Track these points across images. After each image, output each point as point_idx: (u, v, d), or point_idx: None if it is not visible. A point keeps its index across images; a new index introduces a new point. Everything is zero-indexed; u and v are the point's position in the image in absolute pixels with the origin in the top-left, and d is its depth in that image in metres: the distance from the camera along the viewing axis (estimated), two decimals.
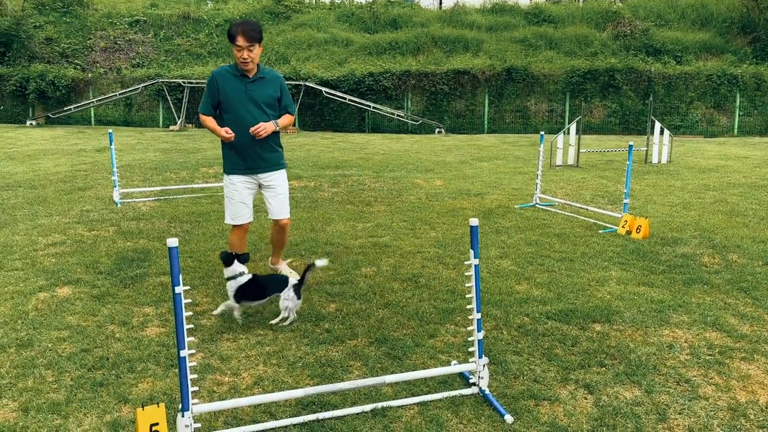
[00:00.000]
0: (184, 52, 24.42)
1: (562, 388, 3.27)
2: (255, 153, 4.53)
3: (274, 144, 4.64)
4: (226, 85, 4.43)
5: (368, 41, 23.70)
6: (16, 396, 3.17)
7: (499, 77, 20.91)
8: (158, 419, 2.63)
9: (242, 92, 4.41)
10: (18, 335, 3.89)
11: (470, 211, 7.61)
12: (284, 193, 4.77)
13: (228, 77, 4.44)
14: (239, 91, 4.42)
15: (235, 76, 4.43)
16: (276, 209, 4.78)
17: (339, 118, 21.35)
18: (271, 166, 4.65)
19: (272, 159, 4.64)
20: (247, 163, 4.56)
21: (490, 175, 10.56)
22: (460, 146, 15.37)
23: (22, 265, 5.34)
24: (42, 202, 8.10)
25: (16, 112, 23.44)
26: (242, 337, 3.91)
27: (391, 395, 3.19)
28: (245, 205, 4.70)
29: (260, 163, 4.59)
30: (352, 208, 7.81)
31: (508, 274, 5.13)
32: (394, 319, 4.18)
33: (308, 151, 14.15)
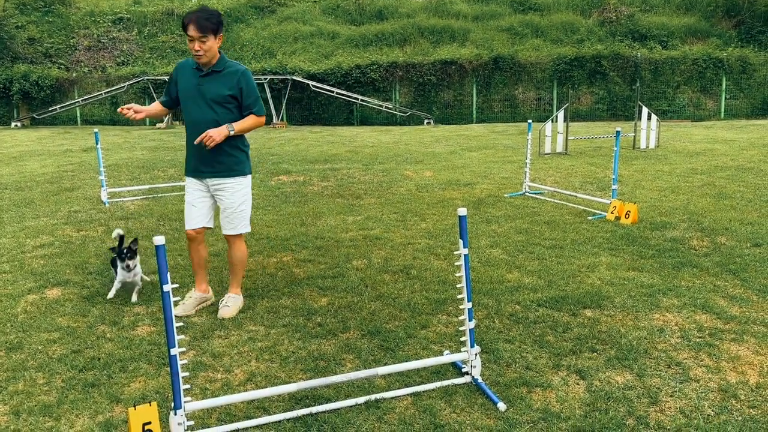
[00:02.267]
0: (169, 49, 24.24)
1: (554, 375, 3.28)
2: (202, 155, 4.02)
3: (226, 146, 4.00)
4: (182, 77, 4.07)
5: (354, 33, 23.62)
6: (7, 399, 3.14)
7: (486, 66, 20.91)
8: (151, 418, 2.62)
9: (194, 87, 4.01)
10: (7, 338, 3.86)
11: (460, 201, 7.62)
12: (231, 206, 4.13)
13: (187, 69, 4.07)
14: (191, 86, 4.02)
15: (194, 69, 4.03)
16: (222, 221, 4.22)
17: (327, 111, 21.29)
18: (220, 172, 4.07)
19: (223, 164, 4.05)
20: (195, 165, 4.11)
21: (480, 164, 10.57)
22: (449, 137, 15.38)
23: (9, 268, 5.29)
24: (29, 203, 8.03)
25: (0, 114, 23.22)
26: (234, 334, 3.90)
27: (384, 387, 3.19)
28: (194, 208, 4.17)
29: (207, 167, 4.06)
30: (342, 202, 7.79)
31: (498, 262, 5.14)
32: (386, 311, 4.18)
33: (297, 145, 14.11)
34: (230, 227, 4.20)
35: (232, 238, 4.25)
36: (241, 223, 4.21)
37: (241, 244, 4.30)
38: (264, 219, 6.94)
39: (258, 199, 8.03)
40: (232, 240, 4.27)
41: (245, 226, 4.24)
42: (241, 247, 4.30)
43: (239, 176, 4.12)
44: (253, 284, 4.77)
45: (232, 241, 4.27)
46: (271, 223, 6.72)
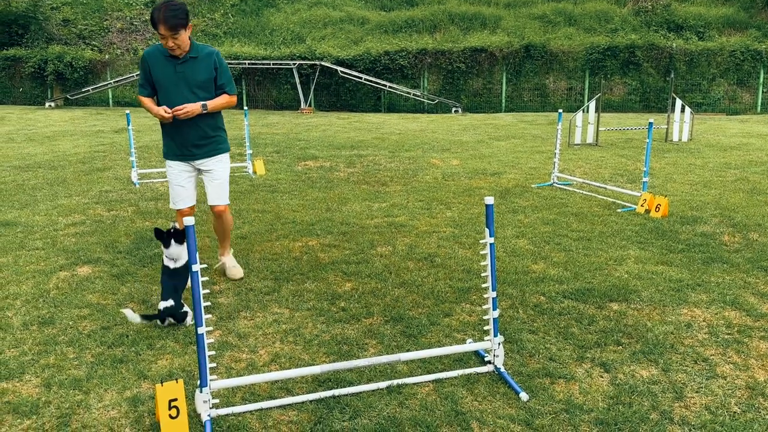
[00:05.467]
0: (200, 32, 24.41)
1: (577, 367, 3.26)
2: (187, 140, 4.20)
3: (209, 128, 4.23)
4: (155, 66, 4.10)
5: (384, 19, 23.49)
6: (39, 372, 3.23)
7: (517, 55, 20.64)
8: (177, 395, 2.67)
9: (172, 74, 4.07)
10: (39, 313, 3.97)
11: (487, 190, 7.57)
12: (221, 179, 4.39)
13: (158, 57, 4.10)
14: (169, 73, 4.07)
15: (166, 57, 4.08)
16: (212, 195, 4.43)
17: (355, 97, 21.26)
18: (207, 153, 4.29)
19: (208, 145, 4.27)
20: (181, 150, 4.26)
21: (507, 154, 10.47)
22: (476, 125, 15.25)
23: (43, 245, 5.42)
24: (62, 182, 8.20)
25: (35, 94, 23.69)
26: (259, 316, 3.95)
27: (406, 373, 3.20)
28: (183, 188, 4.37)
29: (194, 150, 4.25)
30: (367, 188, 7.80)
31: (524, 253, 5.11)
32: (410, 298, 4.19)
33: (324, 131, 14.14)
34: (221, 198, 4.46)
35: (224, 209, 4.52)
36: (227, 194, 4.51)
37: (228, 213, 4.63)
38: (290, 203, 6.99)
39: (285, 184, 8.09)
40: (220, 210, 4.51)
41: (228, 197, 4.55)
42: (229, 216, 4.65)
43: (224, 153, 4.43)
44: (278, 267, 4.82)
45: (223, 212, 4.52)
46: (297, 208, 6.76)
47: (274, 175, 8.68)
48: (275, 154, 10.48)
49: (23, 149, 11.43)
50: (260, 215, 6.45)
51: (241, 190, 7.69)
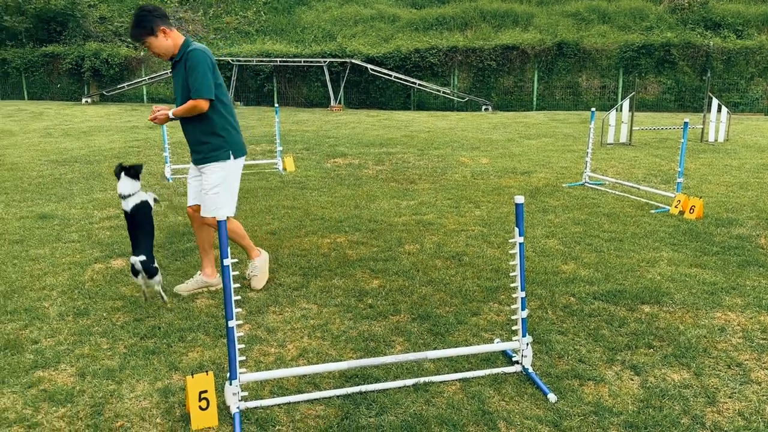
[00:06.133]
0: (233, 30, 24.69)
1: (607, 369, 3.22)
2: (189, 143, 4.16)
3: (201, 134, 4.04)
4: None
5: (415, 17, 23.44)
6: (74, 362, 3.32)
7: (549, 52, 20.40)
8: (207, 387, 2.71)
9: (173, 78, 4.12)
10: (75, 304, 4.07)
11: (516, 189, 7.51)
12: (205, 188, 4.10)
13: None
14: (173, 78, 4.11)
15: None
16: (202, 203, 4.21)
17: (384, 95, 21.26)
18: (199, 159, 4.11)
19: (200, 152, 4.08)
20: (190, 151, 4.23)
21: (538, 153, 10.37)
22: (507, 124, 15.13)
23: (78, 237, 5.55)
24: (97, 177, 8.38)
25: (72, 90, 24.24)
26: (288, 311, 3.99)
27: (433, 371, 3.20)
28: (191, 186, 4.30)
29: (193, 154, 4.16)
30: (396, 186, 7.80)
31: (554, 253, 5.05)
32: (437, 296, 4.18)
33: (353, 128, 14.17)
34: (203, 210, 4.14)
35: (211, 222, 4.15)
36: (214, 206, 4.07)
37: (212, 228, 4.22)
38: (319, 200, 7.03)
39: (314, 181, 8.14)
40: (209, 223, 4.18)
41: (218, 210, 4.06)
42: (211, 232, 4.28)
43: (214, 162, 4.05)
44: (307, 263, 4.86)
45: (210, 224, 4.18)
46: (326, 205, 6.80)
47: (303, 172, 8.74)
48: (305, 151, 10.55)
49: (60, 144, 11.71)
50: (289, 212, 6.51)
51: (271, 187, 7.77)
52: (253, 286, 4.31)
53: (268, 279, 4.48)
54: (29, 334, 3.64)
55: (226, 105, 4.09)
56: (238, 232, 4.30)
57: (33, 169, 8.97)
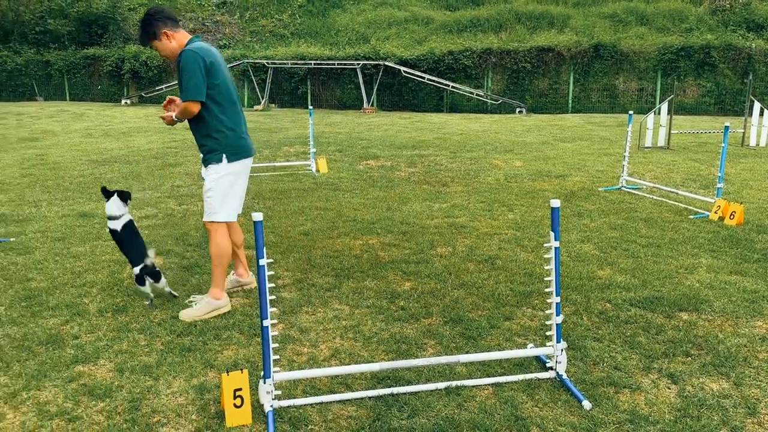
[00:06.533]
0: (269, 33, 24.97)
1: (644, 377, 3.16)
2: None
3: (199, 135, 3.96)
4: None
5: (449, 19, 23.36)
6: (113, 357, 3.40)
7: (585, 54, 20.11)
8: (242, 385, 2.75)
9: None
10: (114, 301, 4.17)
11: (551, 193, 7.43)
12: (205, 191, 3.97)
13: None
14: None
15: None
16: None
17: (417, 97, 21.24)
18: (203, 161, 4.02)
19: (203, 154, 4.00)
20: None
21: (573, 156, 10.23)
22: (541, 126, 14.97)
23: None
24: (136, 177, 8.57)
25: (112, 92, 24.81)
26: (320, 311, 4.01)
27: (465, 375, 3.19)
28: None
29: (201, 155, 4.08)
30: (428, 188, 7.79)
31: (589, 258, 4.98)
32: (470, 300, 4.16)
33: (386, 131, 14.20)
34: (205, 213, 4.00)
35: (207, 225, 4.00)
36: (209, 209, 3.94)
37: (215, 235, 3.96)
38: (352, 202, 7.06)
39: (346, 183, 8.18)
40: (207, 228, 4.01)
41: (214, 214, 3.93)
42: (215, 239, 3.96)
43: (211, 163, 3.93)
44: (339, 264, 4.88)
45: (207, 229, 4.01)
46: (359, 206, 6.83)
47: (336, 174, 8.79)
48: (338, 153, 10.60)
49: (100, 144, 12.01)
50: (322, 213, 6.55)
51: (304, 188, 7.83)
52: (181, 314, 3.89)
53: (299, 280, 4.52)
54: (70, 329, 3.74)
55: (222, 106, 3.87)
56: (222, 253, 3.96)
57: (74, 169, 9.22)
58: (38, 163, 9.83)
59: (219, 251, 3.96)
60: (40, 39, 25.89)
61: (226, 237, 4.00)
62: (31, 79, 25.54)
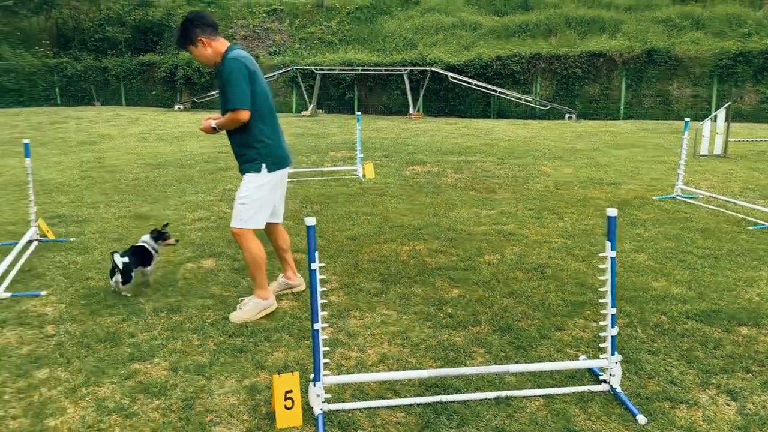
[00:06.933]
0: (317, 40, 25.29)
1: (701, 393, 3.05)
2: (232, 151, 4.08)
3: (236, 145, 3.96)
4: None
5: (497, 24, 23.20)
6: (167, 356, 3.49)
7: (638, 60, 19.64)
8: (292, 387, 2.78)
9: None
10: (168, 301, 4.28)
11: (603, 201, 7.27)
12: (237, 198, 3.96)
13: None
14: None
15: None
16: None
17: (464, 103, 21.14)
18: (240, 170, 4.02)
19: (240, 163, 3.99)
20: None
21: (626, 163, 9.99)
22: (592, 132, 14.68)
23: None
24: (189, 180, 8.79)
25: (166, 97, 25.53)
26: (368, 316, 4.03)
27: (515, 385, 3.14)
28: None
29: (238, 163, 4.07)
30: (475, 195, 7.74)
31: (644, 269, 4.85)
32: (519, 309, 4.11)
33: (432, 136, 14.17)
34: (234, 219, 3.98)
35: (235, 232, 3.98)
36: (240, 216, 3.92)
37: (245, 241, 3.96)
38: (398, 207, 7.07)
39: (393, 188, 8.20)
40: (235, 234, 4.00)
41: (244, 221, 3.92)
42: (246, 245, 3.97)
43: (248, 173, 3.93)
44: (386, 270, 4.89)
45: (236, 235, 4.00)
46: (405, 212, 6.83)
47: (382, 179, 8.82)
48: (384, 159, 10.64)
49: (155, 148, 12.37)
50: (369, 218, 6.58)
51: (351, 193, 7.89)
52: (230, 316, 3.96)
53: (347, 284, 4.55)
54: (126, 327, 3.86)
55: (262, 115, 3.89)
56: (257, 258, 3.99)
57: (130, 172, 9.52)
58: (96, 165, 10.20)
59: (252, 256, 3.98)
60: (99, 46, 26.91)
61: (255, 239, 4.01)
62: (90, 85, 26.54)
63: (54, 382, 3.20)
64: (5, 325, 3.92)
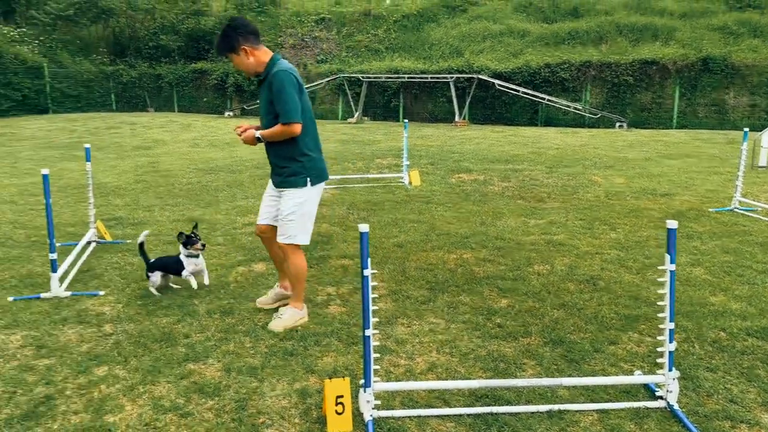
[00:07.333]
0: (364, 48, 25.50)
1: (764, 413, 2.94)
2: (270, 164, 4.05)
3: (280, 158, 3.92)
4: None
5: (546, 31, 22.94)
6: (220, 357, 3.56)
7: (692, 68, 19.11)
8: (343, 392, 2.80)
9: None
10: (221, 303, 4.37)
11: (656, 212, 7.08)
12: (283, 215, 3.92)
13: None
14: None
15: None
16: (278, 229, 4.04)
17: (510, 111, 20.95)
18: (279, 184, 3.98)
19: (280, 175, 3.95)
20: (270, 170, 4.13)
21: (680, 174, 9.72)
22: (644, 142, 14.33)
23: (224, 241, 5.97)
24: (239, 185, 8.97)
25: (216, 104, 26.15)
26: (416, 324, 4.02)
27: (568, 398, 3.09)
28: (263, 204, 4.17)
29: (273, 176, 4.04)
30: (523, 204, 7.65)
31: (700, 283, 4.70)
32: (571, 321, 4.03)
33: (478, 144, 14.08)
34: (279, 234, 3.97)
35: (284, 247, 3.97)
36: (289, 233, 3.91)
37: (294, 255, 3.97)
38: (444, 215, 7.05)
39: (439, 196, 8.18)
40: (283, 249, 3.99)
41: (294, 237, 3.92)
42: (294, 260, 3.98)
43: (292, 188, 3.90)
44: (433, 278, 4.88)
45: (284, 249, 3.99)
46: (452, 220, 6.80)
47: (428, 187, 8.81)
48: (429, 166, 10.62)
49: (206, 154, 12.67)
50: (415, 225, 6.58)
51: (397, 200, 7.90)
52: (270, 326, 3.96)
53: (394, 291, 4.55)
54: (181, 328, 3.96)
55: (308, 127, 3.88)
56: (301, 272, 4.01)
57: (183, 176, 9.77)
58: (150, 170, 10.51)
59: (297, 271, 4.00)
60: (153, 54, 27.77)
61: (301, 254, 4.03)
62: (144, 91, 27.40)
63: (112, 380, 3.31)
64: (66, 323, 4.07)
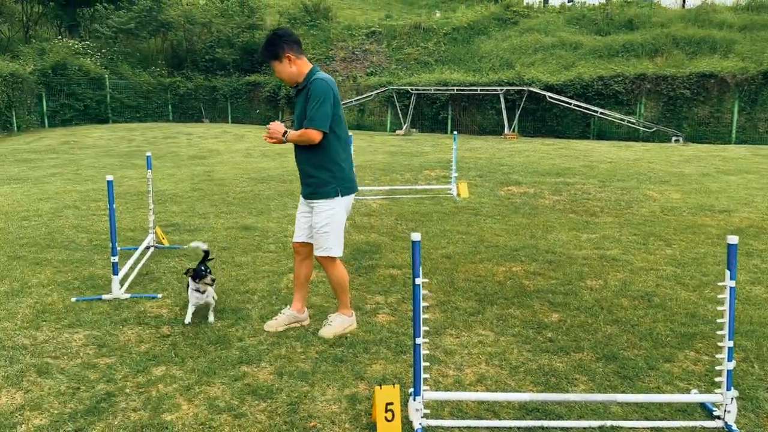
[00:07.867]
0: (413, 61, 25.65)
1: None
2: (299, 175, 4.06)
3: (310, 166, 3.93)
4: None
5: (599, 44, 22.59)
6: (272, 361, 3.64)
7: (753, 81, 18.48)
8: (393, 399, 2.83)
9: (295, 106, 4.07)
10: (273, 309, 4.46)
11: (714, 228, 6.87)
12: (317, 227, 3.94)
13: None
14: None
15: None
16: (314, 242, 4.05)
17: (561, 123, 20.68)
18: (309, 194, 3.99)
19: (310, 186, 3.96)
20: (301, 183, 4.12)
21: (739, 190, 9.40)
22: (701, 157, 13.92)
23: (275, 248, 6.10)
24: (290, 194, 9.14)
25: (269, 116, 26.70)
26: (464, 335, 4.02)
27: (621, 415, 3.03)
28: (298, 222, 4.14)
29: (303, 187, 4.04)
30: (575, 218, 7.54)
31: (761, 302, 4.54)
32: (624, 338, 3.96)
33: (528, 157, 13.95)
34: (316, 247, 4.00)
35: (322, 260, 4.01)
36: (325, 245, 3.94)
37: (332, 267, 4.02)
38: (493, 228, 7.01)
39: (488, 208, 8.14)
40: (321, 262, 4.03)
41: (330, 249, 3.95)
42: (333, 271, 4.02)
43: (323, 198, 3.91)
44: (482, 290, 4.87)
45: (322, 263, 4.03)
46: (501, 232, 6.77)
47: (477, 199, 8.79)
48: (478, 178, 10.59)
49: (259, 163, 12.97)
50: (464, 237, 6.57)
51: (446, 212, 7.91)
52: (320, 332, 4.00)
53: (443, 302, 4.56)
54: (235, 332, 4.06)
55: (341, 139, 3.91)
56: (343, 281, 4.06)
57: (236, 185, 10.02)
58: (206, 179, 10.82)
59: (339, 281, 4.06)
60: (209, 66, 28.63)
61: (341, 266, 4.07)
62: (200, 103, 28.24)
63: (170, 380, 3.42)
64: (126, 323, 4.23)
